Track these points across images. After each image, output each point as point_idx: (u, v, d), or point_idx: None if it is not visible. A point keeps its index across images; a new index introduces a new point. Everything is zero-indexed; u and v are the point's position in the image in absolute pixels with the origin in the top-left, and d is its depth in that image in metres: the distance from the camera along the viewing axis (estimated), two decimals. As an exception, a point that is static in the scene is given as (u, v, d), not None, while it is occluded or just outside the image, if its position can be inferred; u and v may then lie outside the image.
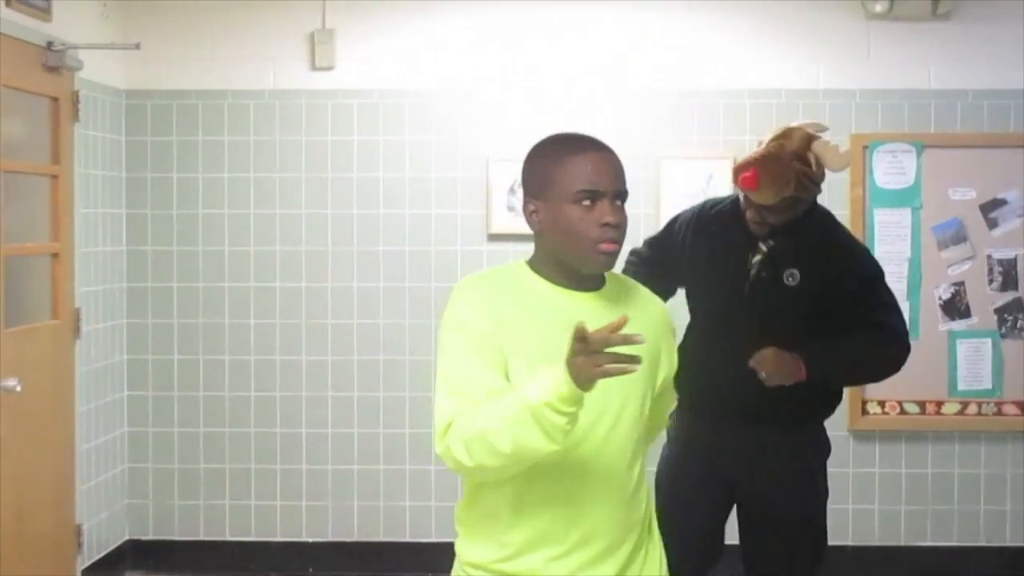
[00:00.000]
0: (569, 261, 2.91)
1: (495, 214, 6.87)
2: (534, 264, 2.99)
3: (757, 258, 4.53)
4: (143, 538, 7.08)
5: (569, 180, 2.88)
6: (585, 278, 2.95)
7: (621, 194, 2.91)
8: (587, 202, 2.86)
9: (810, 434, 4.68)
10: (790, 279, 4.49)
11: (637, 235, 6.73)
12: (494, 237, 6.88)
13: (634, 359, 2.58)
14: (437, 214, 6.93)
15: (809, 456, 4.68)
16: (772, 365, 4.39)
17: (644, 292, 3.15)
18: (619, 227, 2.87)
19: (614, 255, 2.90)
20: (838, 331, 4.50)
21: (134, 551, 7.05)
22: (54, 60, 5.99)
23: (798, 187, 4.35)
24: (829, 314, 4.50)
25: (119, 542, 6.97)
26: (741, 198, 4.55)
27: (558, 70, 6.93)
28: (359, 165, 6.97)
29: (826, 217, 4.67)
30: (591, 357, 2.57)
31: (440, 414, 2.82)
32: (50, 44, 5.98)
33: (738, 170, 4.40)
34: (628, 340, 2.57)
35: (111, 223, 6.84)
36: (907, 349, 4.66)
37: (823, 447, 4.70)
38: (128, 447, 7.04)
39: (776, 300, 4.50)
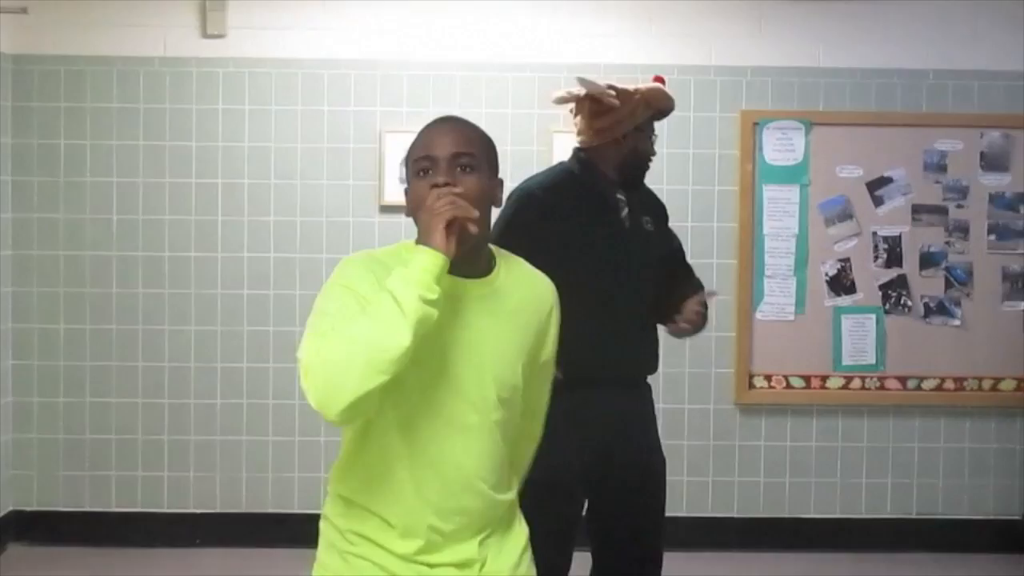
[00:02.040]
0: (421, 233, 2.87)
1: (387, 185, 6.86)
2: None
3: (625, 211, 4.65)
4: (27, 509, 7.00)
5: (412, 154, 2.92)
6: (465, 261, 2.90)
7: (461, 158, 2.88)
8: (424, 171, 2.88)
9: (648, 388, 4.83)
10: (648, 225, 4.71)
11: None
12: (386, 208, 6.87)
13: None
14: (329, 185, 6.90)
15: (654, 412, 4.85)
16: (699, 320, 4.65)
17: (533, 272, 3.14)
18: (450, 187, 2.83)
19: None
20: (670, 277, 4.78)
21: (17, 522, 6.97)
22: (-62, 23, 5.87)
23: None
24: (669, 258, 4.81)
25: (2, 512, 6.88)
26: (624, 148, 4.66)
27: (453, 42, 6.92)
28: (250, 135, 6.91)
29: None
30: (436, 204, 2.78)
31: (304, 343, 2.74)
32: (-66, 6, 5.86)
33: (655, 80, 4.76)
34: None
35: (-4, 190, 6.74)
36: None
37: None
38: (12, 417, 6.95)
39: (648, 246, 4.66)
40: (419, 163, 2.88)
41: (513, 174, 6.66)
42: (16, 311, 6.93)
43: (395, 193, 6.81)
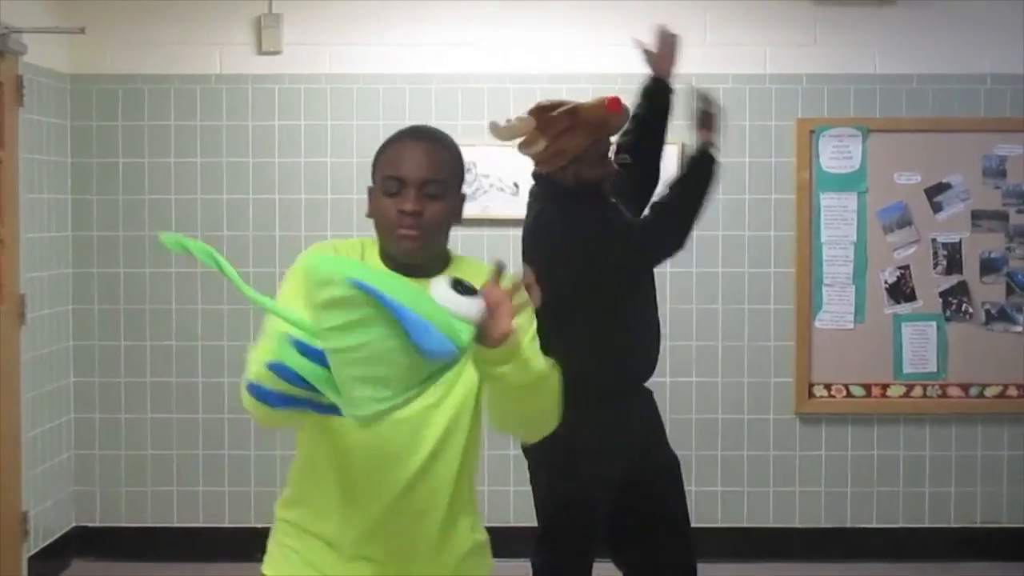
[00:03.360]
0: (384, 246, 2.97)
1: (443, 199, 6.87)
2: (380, 244, 3.02)
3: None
4: (90, 525, 7.05)
5: (381, 167, 2.95)
6: (420, 266, 2.94)
7: (429, 185, 2.91)
8: (393, 190, 2.91)
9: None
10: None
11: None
12: (442, 222, 6.87)
13: None
14: (385, 199, 6.90)
15: None
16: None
17: (482, 267, 3.01)
18: (418, 215, 2.89)
19: (416, 241, 2.90)
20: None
21: (81, 538, 7.02)
22: (-2, 44, 5.94)
23: None
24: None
25: (66, 529, 6.93)
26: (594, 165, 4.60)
27: (507, 55, 6.93)
28: (307, 150, 6.95)
29: None
30: None
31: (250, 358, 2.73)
32: (-7, 28, 5.93)
33: (604, 100, 4.59)
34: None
35: (56, 208, 6.80)
36: None
37: None
38: (75, 434, 7.00)
39: None
40: (388, 182, 2.91)
41: (569, 185, 6.70)
42: (77, 328, 6.99)
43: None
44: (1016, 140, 6.91)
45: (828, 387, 6.98)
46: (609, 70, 6.84)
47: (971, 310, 6.94)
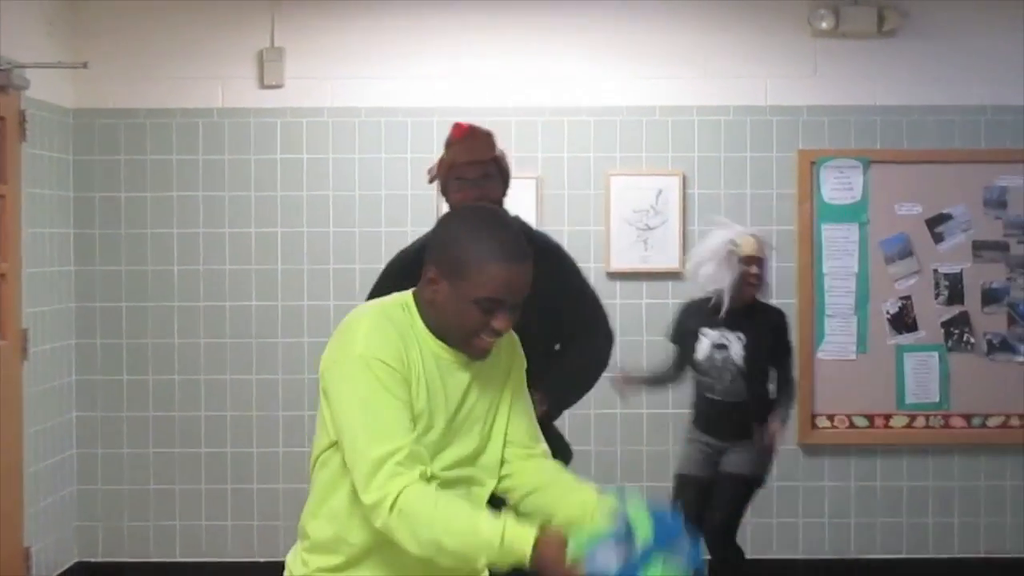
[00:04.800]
0: (448, 339, 2.94)
1: (445, 232, 6.87)
2: (422, 309, 2.97)
3: None
4: (93, 560, 7.03)
5: (482, 284, 2.86)
6: None
7: (520, 304, 2.94)
8: (488, 311, 2.88)
9: None
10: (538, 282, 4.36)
11: (587, 252, 6.81)
12: (444, 255, 6.87)
13: None
14: (388, 232, 6.92)
15: None
16: None
17: (512, 338, 3.15)
18: (504, 332, 2.93)
19: (490, 348, 2.95)
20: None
21: (84, 573, 7.00)
22: (0, 79, 5.94)
23: (499, 159, 4.68)
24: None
25: (68, 564, 6.91)
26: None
27: (509, 88, 6.95)
28: (309, 183, 6.96)
29: (520, 220, 4.56)
30: None
31: (376, 467, 2.80)
32: (-4, 63, 5.94)
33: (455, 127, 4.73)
34: None
35: (59, 243, 6.80)
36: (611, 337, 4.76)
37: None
38: (77, 468, 6.99)
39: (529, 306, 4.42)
40: (487, 302, 2.87)
41: (571, 217, 6.71)
42: (79, 363, 6.98)
43: (453, 239, 6.81)
44: (1017, 171, 6.92)
45: (831, 418, 6.97)
46: (612, 103, 6.87)
47: (973, 340, 6.94)
